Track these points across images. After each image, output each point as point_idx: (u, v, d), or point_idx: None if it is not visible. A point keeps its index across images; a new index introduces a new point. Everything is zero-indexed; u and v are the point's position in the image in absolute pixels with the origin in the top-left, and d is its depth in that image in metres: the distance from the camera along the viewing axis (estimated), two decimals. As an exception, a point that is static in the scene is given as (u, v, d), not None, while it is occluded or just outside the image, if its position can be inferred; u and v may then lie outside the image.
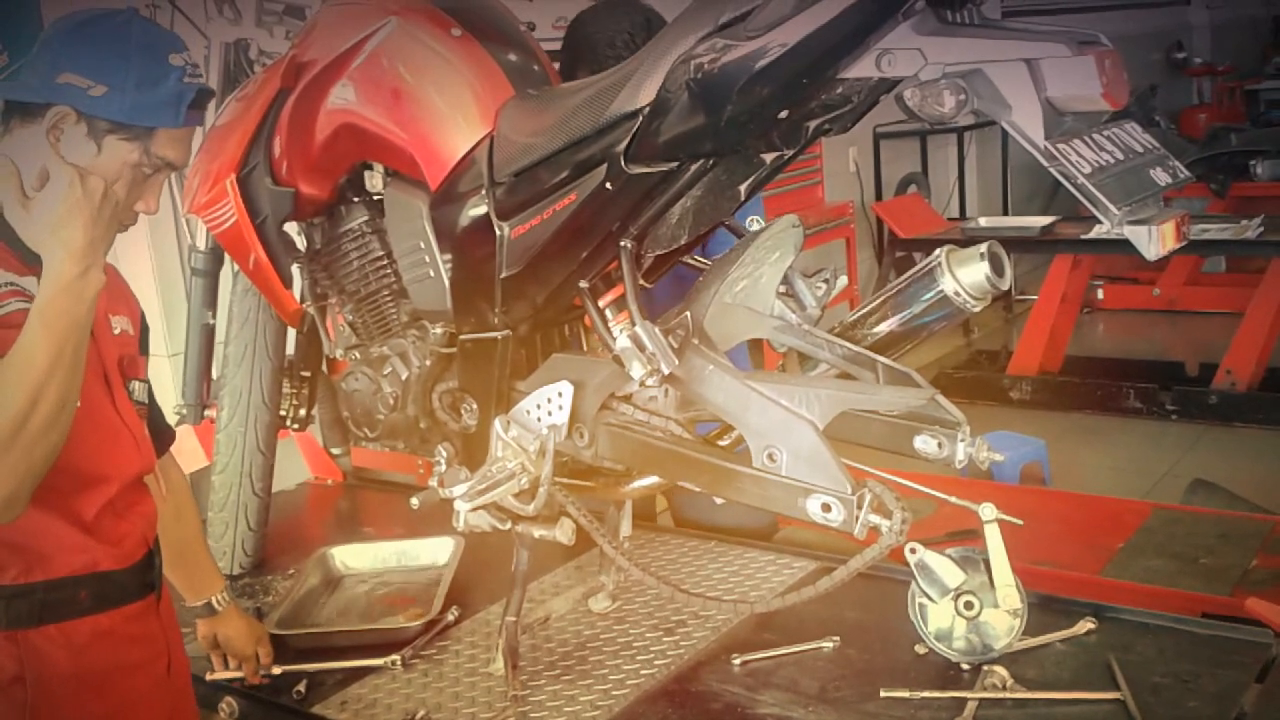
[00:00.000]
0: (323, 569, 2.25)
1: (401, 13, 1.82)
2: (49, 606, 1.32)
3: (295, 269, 2.06)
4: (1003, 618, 1.68)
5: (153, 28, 1.43)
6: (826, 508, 1.42)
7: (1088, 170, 1.24)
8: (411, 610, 2.05)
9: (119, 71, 1.34)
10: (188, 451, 2.53)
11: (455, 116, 1.75)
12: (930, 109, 1.28)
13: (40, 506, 1.26)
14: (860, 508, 1.41)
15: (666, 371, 1.49)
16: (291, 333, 2.27)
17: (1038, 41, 1.25)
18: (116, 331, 1.45)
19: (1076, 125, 1.28)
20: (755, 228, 1.68)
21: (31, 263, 1.30)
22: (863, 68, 1.30)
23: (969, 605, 1.69)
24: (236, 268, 2.27)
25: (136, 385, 1.47)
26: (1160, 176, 1.32)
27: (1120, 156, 1.30)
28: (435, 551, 2.24)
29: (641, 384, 1.53)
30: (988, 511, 1.64)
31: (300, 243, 2.04)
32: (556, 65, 2.05)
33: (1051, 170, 1.24)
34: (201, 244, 2.48)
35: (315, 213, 2.00)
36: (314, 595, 2.18)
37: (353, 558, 2.29)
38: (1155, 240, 1.25)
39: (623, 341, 1.50)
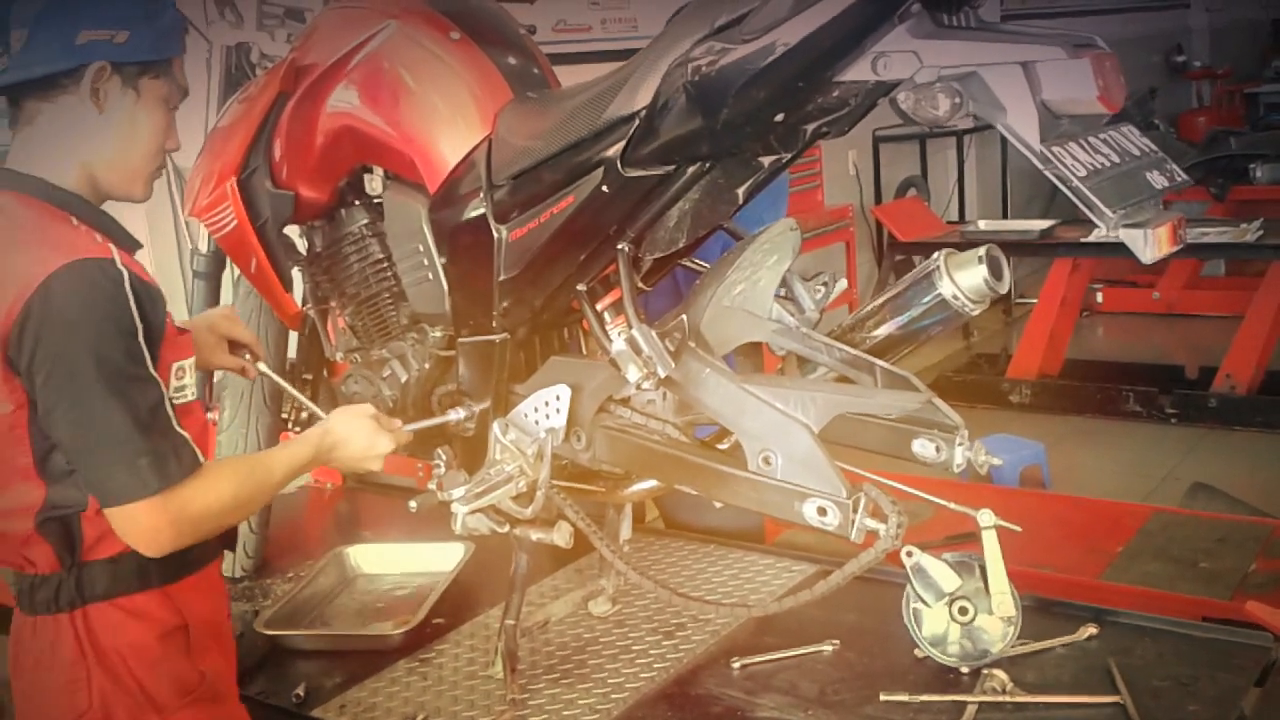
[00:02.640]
0: (338, 568, 2.26)
1: (401, 16, 1.82)
2: (187, 560, 1.40)
3: (296, 272, 2.06)
4: (997, 624, 1.68)
5: None
6: (822, 511, 1.42)
7: (1083, 173, 1.24)
8: (401, 617, 2.05)
9: (130, 12, 1.37)
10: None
11: (454, 120, 1.75)
12: (925, 112, 1.28)
13: None
14: (856, 511, 1.41)
15: (663, 375, 1.50)
16: (293, 335, 2.27)
17: (1033, 44, 1.25)
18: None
19: (1073, 128, 1.29)
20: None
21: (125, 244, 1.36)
22: (859, 71, 1.30)
23: (963, 610, 1.69)
24: (238, 271, 2.27)
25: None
26: (1157, 180, 1.32)
27: (1116, 160, 1.30)
28: (443, 556, 2.24)
29: (638, 387, 1.53)
30: (985, 518, 1.64)
31: (301, 246, 2.05)
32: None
33: (1047, 173, 1.24)
34: (203, 247, 2.48)
35: (315, 216, 2.00)
36: (320, 594, 2.18)
37: (365, 559, 2.29)
38: (1151, 243, 1.25)
39: (619, 345, 1.50)
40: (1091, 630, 1.76)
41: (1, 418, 1.31)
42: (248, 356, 1.76)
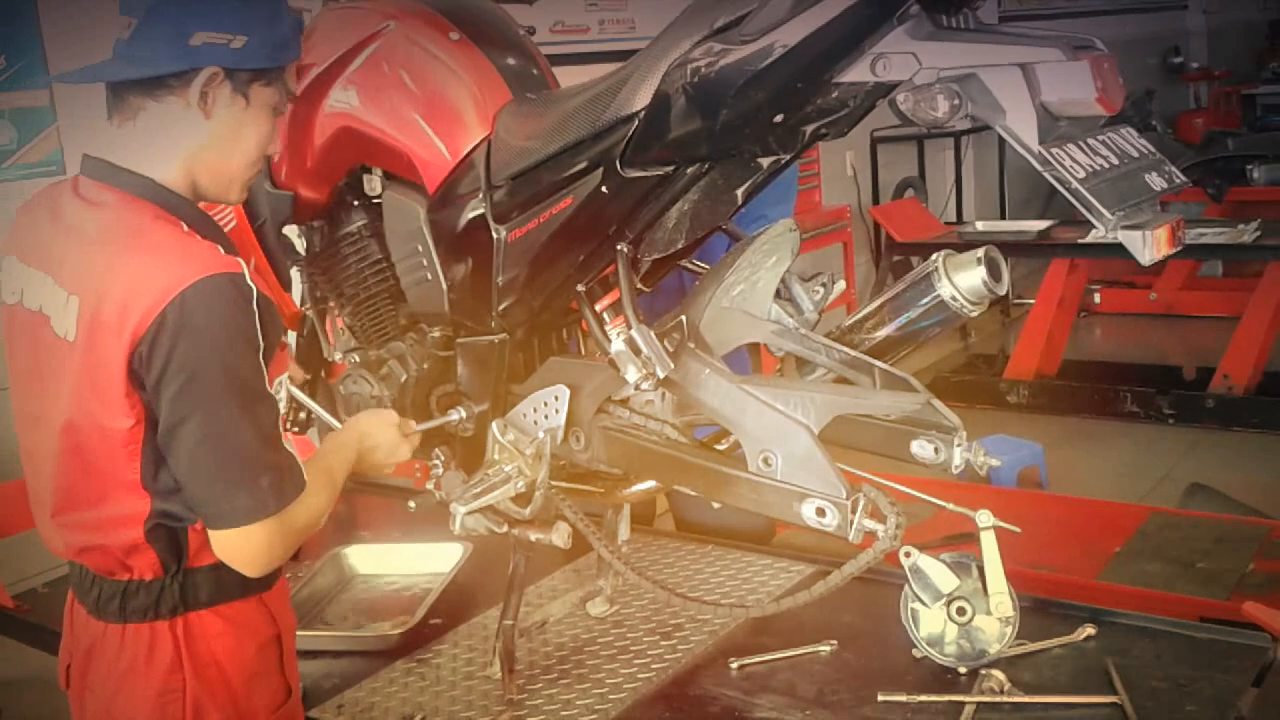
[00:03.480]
0: (336, 568, 2.26)
1: (400, 17, 1.82)
2: (277, 569, 1.40)
3: (295, 272, 2.06)
4: (994, 625, 1.68)
5: None
6: (821, 512, 1.43)
7: (1082, 175, 1.24)
8: (399, 618, 2.05)
9: (250, 16, 1.31)
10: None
11: (453, 120, 1.75)
12: (924, 113, 1.28)
13: None
14: (855, 512, 1.41)
15: (662, 375, 1.50)
16: (291, 336, 2.27)
17: (1032, 46, 1.25)
18: None
19: (1072, 130, 1.29)
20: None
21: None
22: (858, 72, 1.30)
23: (961, 611, 1.69)
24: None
25: None
26: (1155, 181, 1.33)
27: (1115, 161, 1.31)
28: (441, 557, 2.24)
29: (637, 388, 1.53)
30: (984, 518, 1.64)
31: (300, 246, 2.05)
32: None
33: (1046, 175, 1.25)
34: None
35: (314, 216, 2.00)
36: (318, 594, 2.18)
37: (363, 559, 2.29)
38: (1149, 245, 1.25)
39: (618, 345, 1.50)
40: (1089, 631, 1.77)
41: (117, 433, 1.28)
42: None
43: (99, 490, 1.32)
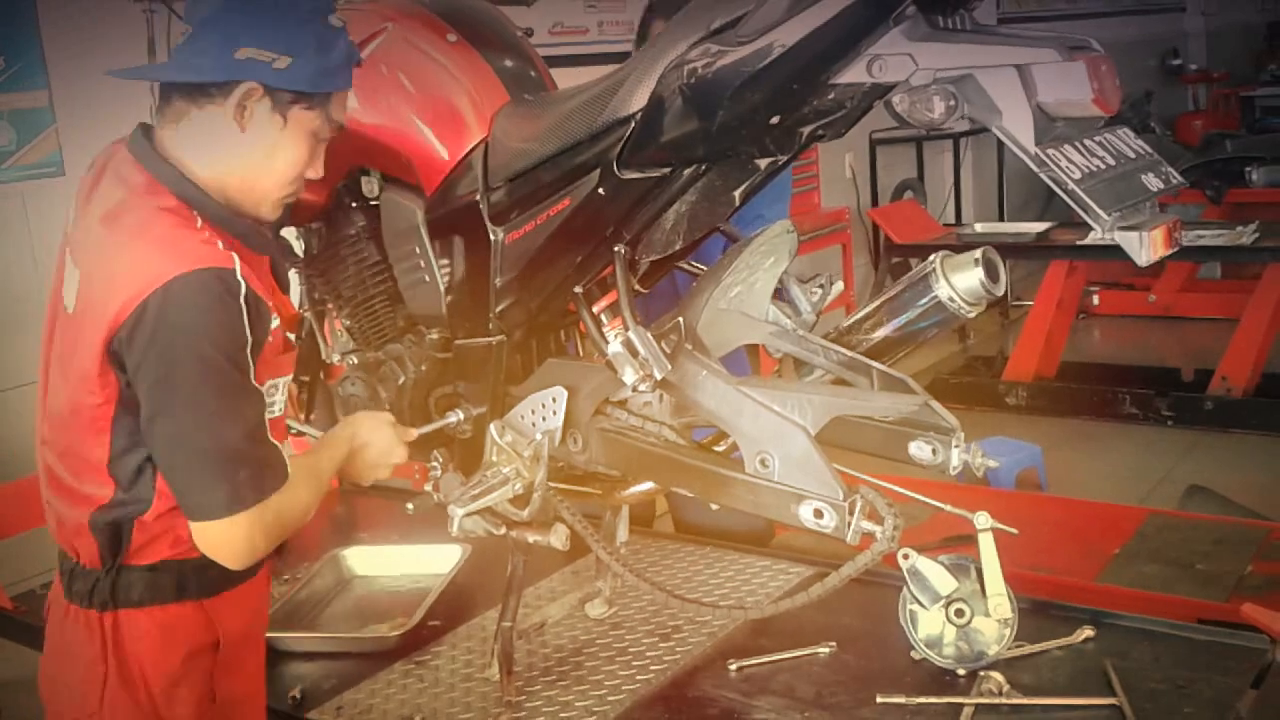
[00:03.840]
0: (334, 570, 2.25)
1: (398, 19, 1.82)
2: (227, 574, 1.38)
3: (293, 274, 2.06)
4: (993, 626, 1.68)
5: None
6: (819, 514, 1.43)
7: (1078, 176, 1.24)
8: (397, 620, 2.05)
9: (300, 39, 1.32)
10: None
11: (451, 122, 1.75)
12: (920, 114, 1.28)
13: None
14: (852, 514, 1.41)
15: (659, 377, 1.50)
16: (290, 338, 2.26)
17: (1029, 47, 1.25)
18: None
19: (1069, 131, 1.29)
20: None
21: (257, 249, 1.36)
22: (854, 74, 1.30)
23: (960, 613, 1.69)
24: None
25: None
26: (1152, 182, 1.33)
27: (1112, 162, 1.31)
28: (440, 558, 2.23)
29: (634, 390, 1.53)
30: (982, 520, 1.64)
31: (298, 248, 2.05)
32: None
33: (1042, 176, 1.25)
34: None
35: (312, 218, 2.00)
36: (317, 596, 2.18)
37: (361, 561, 2.29)
38: (1146, 246, 1.25)
39: (615, 347, 1.50)
40: (1088, 632, 1.76)
41: (87, 408, 1.30)
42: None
43: (74, 467, 1.35)
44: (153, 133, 1.37)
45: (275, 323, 1.37)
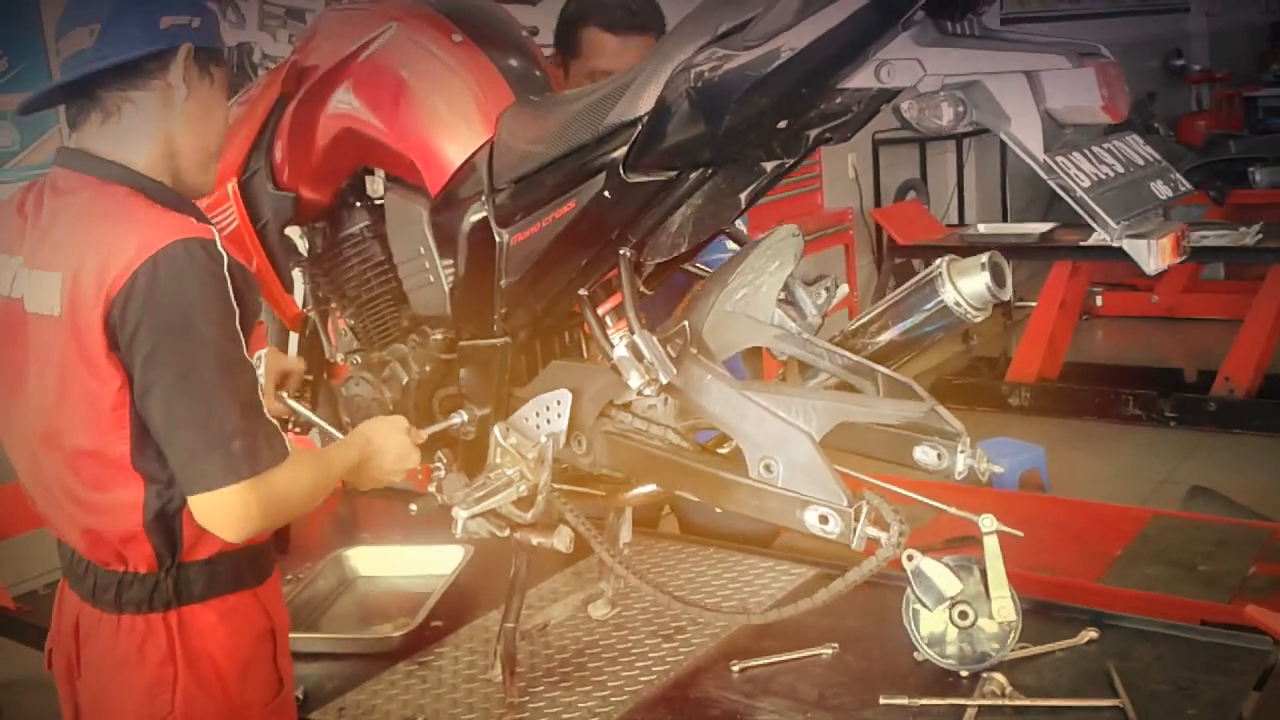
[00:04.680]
0: (337, 570, 2.26)
1: (402, 18, 1.82)
2: (271, 561, 1.44)
3: (297, 273, 2.06)
4: (996, 628, 1.68)
5: None
6: (824, 520, 1.43)
7: (1087, 184, 1.24)
8: (399, 620, 2.05)
9: (198, 1, 1.40)
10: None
11: (456, 122, 1.75)
12: (928, 121, 1.28)
13: None
14: (857, 520, 1.41)
15: (664, 381, 1.49)
16: (293, 336, 2.26)
17: (1038, 53, 1.25)
18: None
19: (1077, 137, 1.28)
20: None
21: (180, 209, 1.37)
22: (862, 78, 1.30)
23: (963, 615, 1.69)
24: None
25: None
26: (1161, 189, 1.32)
27: (1120, 169, 1.30)
28: (443, 559, 2.23)
29: (639, 393, 1.53)
30: (987, 523, 1.64)
31: (302, 247, 2.05)
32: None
33: (1051, 183, 1.24)
34: None
35: (316, 217, 2.00)
36: (319, 596, 2.18)
37: (364, 561, 2.29)
38: (1155, 254, 1.25)
39: (620, 350, 1.50)
40: (1092, 634, 1.76)
41: (104, 397, 1.30)
42: (286, 395, 1.81)
43: (94, 475, 1.34)
44: (76, 147, 1.40)
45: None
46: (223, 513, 1.31)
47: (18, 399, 1.40)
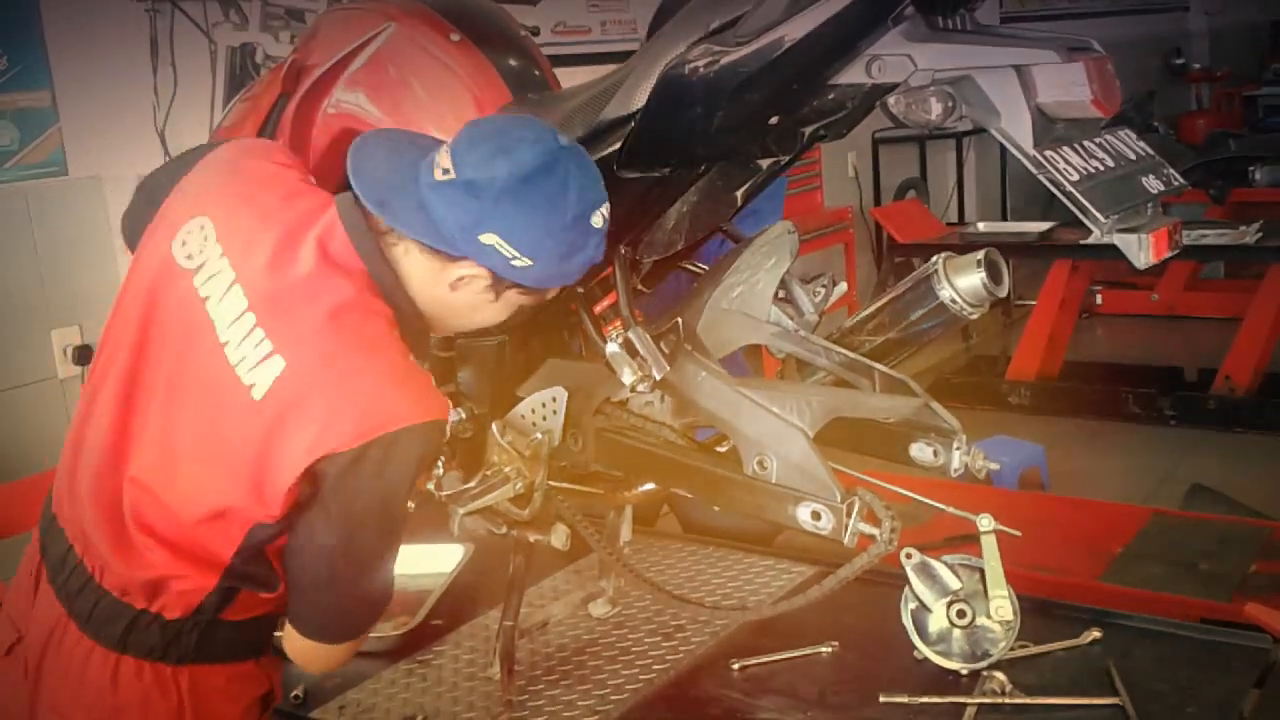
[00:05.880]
0: None
1: (401, 18, 1.82)
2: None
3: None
4: (996, 626, 1.68)
5: (587, 181, 1.26)
6: (816, 515, 1.43)
7: (1076, 178, 1.24)
8: (399, 619, 2.05)
9: (550, 246, 1.24)
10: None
11: (453, 121, 1.74)
12: (916, 116, 1.28)
13: None
14: (849, 516, 1.41)
15: (658, 377, 1.50)
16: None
17: (1028, 48, 1.25)
18: None
19: (1069, 133, 1.28)
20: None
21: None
22: (853, 74, 1.30)
23: (961, 614, 1.69)
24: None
25: None
26: (1153, 184, 1.32)
27: (1112, 164, 1.30)
28: (442, 558, 2.23)
29: (634, 390, 1.53)
30: (985, 522, 1.64)
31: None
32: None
33: (1040, 178, 1.24)
34: None
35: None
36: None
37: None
38: (1145, 248, 1.25)
39: (613, 347, 1.50)
40: (1095, 634, 1.76)
41: (241, 520, 1.21)
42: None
43: (183, 541, 1.24)
44: (367, 215, 1.25)
45: None
46: (318, 659, 1.36)
47: (167, 407, 1.24)
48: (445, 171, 1.21)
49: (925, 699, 1.64)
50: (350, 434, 1.16)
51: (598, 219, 1.26)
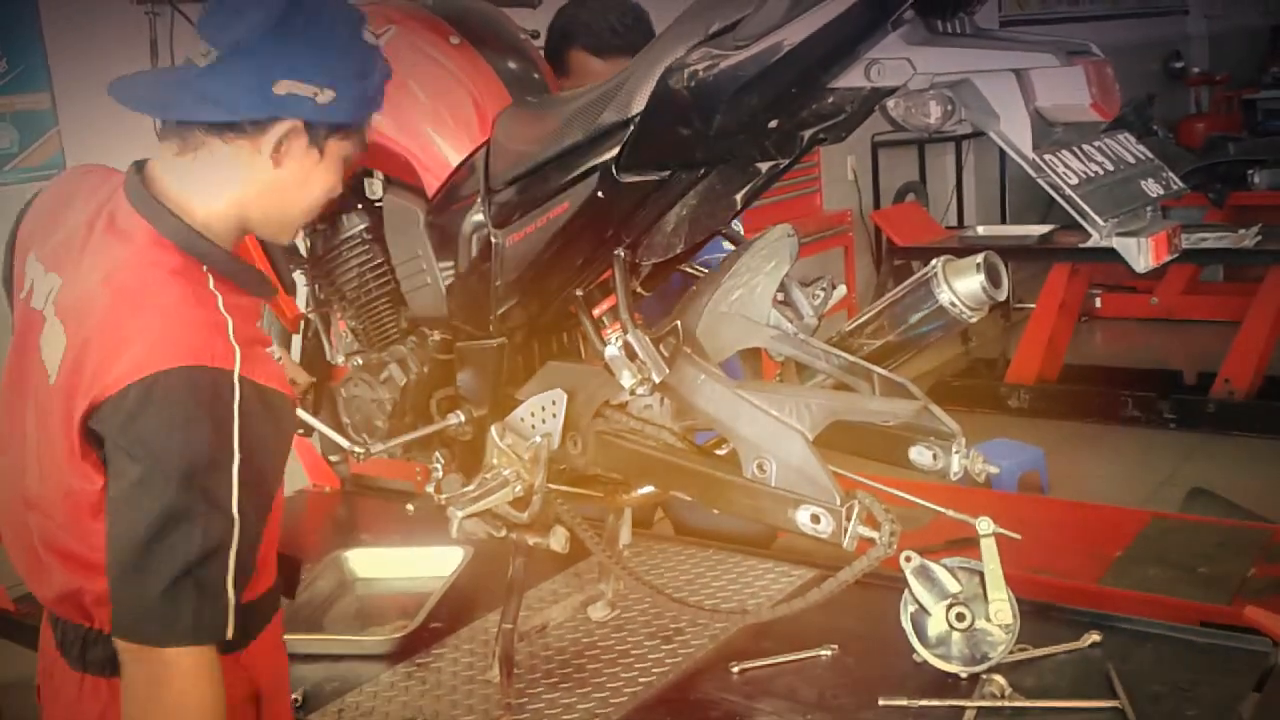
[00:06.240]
0: (335, 572, 2.26)
1: (401, 20, 1.82)
2: (256, 619, 1.29)
3: (299, 275, 2.07)
4: (995, 629, 1.68)
5: (343, 4, 1.25)
6: (815, 519, 1.42)
7: (1074, 181, 1.24)
8: (398, 622, 2.05)
9: (341, 68, 1.21)
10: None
11: (453, 124, 1.75)
12: (915, 119, 1.28)
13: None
14: (849, 519, 1.41)
15: (657, 380, 1.50)
16: (296, 339, 2.27)
17: (1027, 51, 1.25)
18: None
19: (1068, 136, 1.29)
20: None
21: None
22: (852, 78, 1.30)
23: (961, 617, 1.69)
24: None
25: None
26: (1152, 188, 1.32)
27: (1111, 168, 1.30)
28: (442, 561, 2.23)
29: (632, 393, 1.53)
30: (985, 525, 1.64)
31: (302, 248, 2.05)
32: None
33: (1039, 181, 1.24)
34: None
35: (317, 219, 2.00)
36: (318, 598, 2.18)
37: (362, 563, 2.29)
38: (1144, 252, 1.25)
39: (612, 350, 1.50)
40: (1095, 637, 1.76)
41: (84, 494, 1.17)
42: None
43: (81, 540, 1.20)
44: (149, 169, 1.25)
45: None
46: (125, 663, 1.16)
47: (12, 433, 1.26)
48: (206, 54, 1.19)
49: (925, 702, 1.64)
50: (111, 382, 1.12)
51: (369, 35, 1.25)
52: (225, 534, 1.14)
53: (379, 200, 1.92)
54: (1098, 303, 5.60)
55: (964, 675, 1.69)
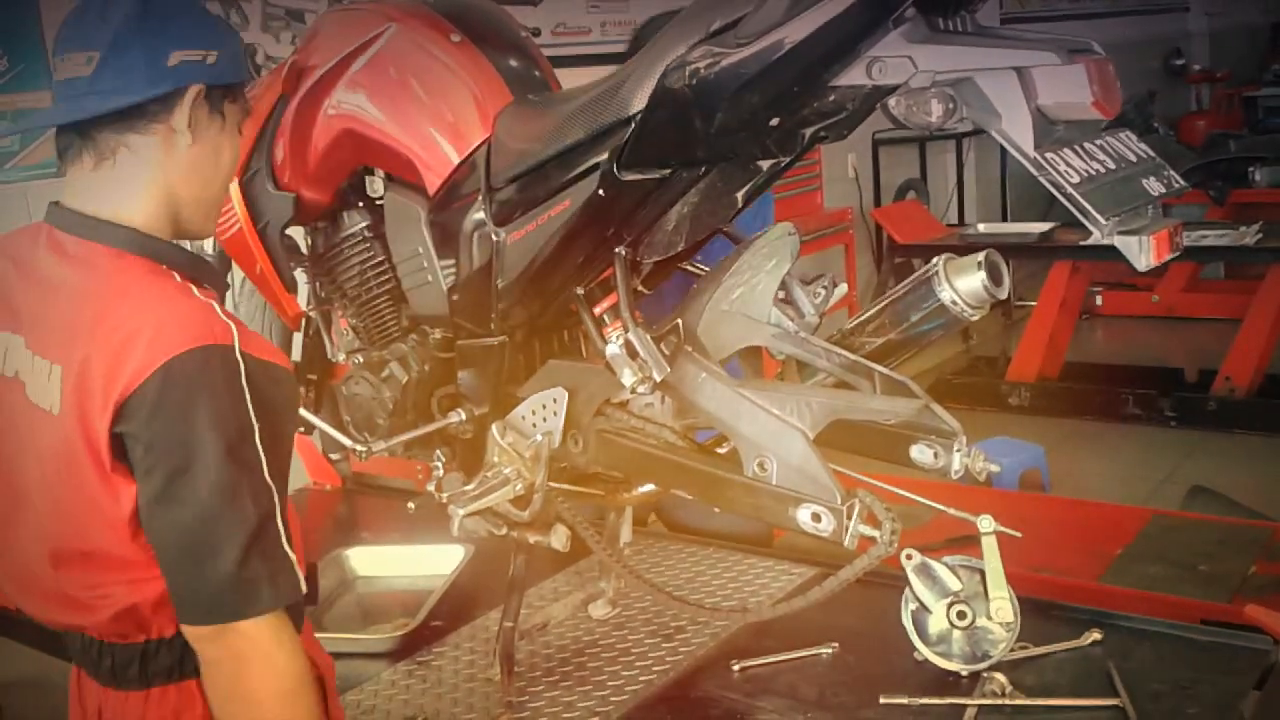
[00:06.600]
0: (337, 570, 2.26)
1: (402, 19, 1.82)
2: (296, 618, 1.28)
3: (300, 273, 2.07)
4: (996, 627, 1.68)
5: None
6: (816, 517, 1.42)
7: (1076, 180, 1.24)
8: (399, 620, 2.05)
9: (218, 32, 1.27)
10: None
11: (454, 122, 1.75)
12: (916, 117, 1.28)
13: None
14: (849, 518, 1.41)
15: (658, 379, 1.50)
16: (297, 337, 2.27)
17: (1028, 50, 1.25)
18: None
19: (1070, 134, 1.28)
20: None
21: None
22: (853, 76, 1.30)
23: (962, 615, 1.69)
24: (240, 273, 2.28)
25: None
26: (1154, 186, 1.32)
27: (1112, 166, 1.30)
28: (443, 559, 2.23)
29: (633, 391, 1.53)
30: (986, 524, 1.64)
31: (304, 247, 2.05)
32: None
33: (1041, 179, 1.24)
34: (209, 248, 2.48)
35: (317, 217, 2.01)
36: (320, 596, 2.18)
37: (363, 561, 2.29)
38: (1146, 250, 1.25)
39: (613, 348, 1.50)
40: (1095, 635, 1.76)
41: (119, 519, 1.16)
42: None
43: (99, 567, 1.20)
44: (68, 201, 1.25)
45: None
46: (204, 651, 1.18)
47: (16, 500, 1.25)
48: (89, 60, 1.21)
49: (925, 700, 1.64)
50: (130, 379, 1.12)
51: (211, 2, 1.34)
52: (269, 499, 1.17)
53: (380, 198, 1.93)
54: (1098, 300, 5.60)
55: (965, 673, 1.69)
